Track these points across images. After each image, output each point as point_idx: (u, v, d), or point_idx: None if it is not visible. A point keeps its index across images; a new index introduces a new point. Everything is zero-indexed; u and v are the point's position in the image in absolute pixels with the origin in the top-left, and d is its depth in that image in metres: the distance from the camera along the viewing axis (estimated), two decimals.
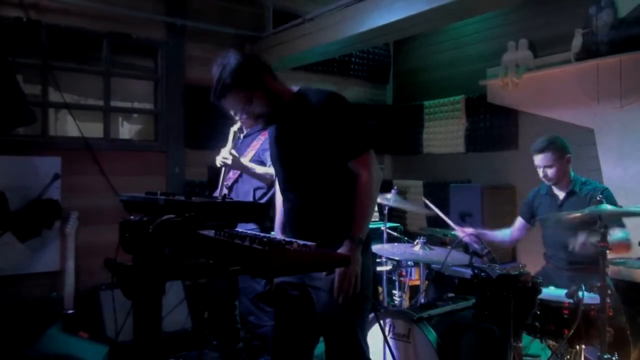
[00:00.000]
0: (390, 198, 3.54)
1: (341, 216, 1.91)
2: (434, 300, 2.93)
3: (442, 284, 3.23)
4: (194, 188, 4.32)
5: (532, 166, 3.00)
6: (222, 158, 2.72)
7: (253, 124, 2.65)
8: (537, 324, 2.25)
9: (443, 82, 5.09)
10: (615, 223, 2.78)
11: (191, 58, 4.32)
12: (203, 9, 4.40)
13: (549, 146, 2.90)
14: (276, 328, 2.10)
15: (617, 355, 2.35)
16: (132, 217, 1.34)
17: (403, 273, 3.51)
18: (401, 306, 3.38)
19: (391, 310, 2.93)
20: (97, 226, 3.72)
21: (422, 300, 3.17)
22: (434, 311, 2.58)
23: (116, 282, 1.28)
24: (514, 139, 4.40)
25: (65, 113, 4.00)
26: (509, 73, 4.25)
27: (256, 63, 1.94)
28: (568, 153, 2.92)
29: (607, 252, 2.24)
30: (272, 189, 2.90)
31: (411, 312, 2.54)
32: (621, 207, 2.56)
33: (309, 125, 1.92)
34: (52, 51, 3.77)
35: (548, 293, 2.43)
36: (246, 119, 2.05)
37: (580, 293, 2.21)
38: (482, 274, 2.31)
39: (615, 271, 3.33)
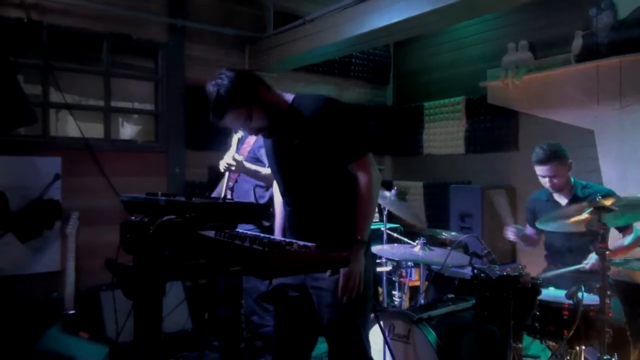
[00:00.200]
0: (388, 197, 3.52)
1: (342, 219, 1.93)
2: (434, 301, 2.93)
3: (442, 285, 3.24)
4: (195, 189, 4.32)
5: (532, 167, 2.99)
6: (226, 163, 2.71)
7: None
8: (537, 325, 2.26)
9: (443, 83, 5.09)
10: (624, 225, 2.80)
11: (191, 59, 4.32)
12: (204, 10, 4.40)
13: (553, 156, 2.87)
14: (276, 329, 2.12)
15: (617, 356, 2.35)
16: (133, 218, 1.35)
17: (403, 274, 3.51)
18: (401, 307, 3.39)
19: (391, 311, 2.93)
20: (98, 227, 3.72)
21: (422, 301, 3.18)
22: (434, 312, 2.59)
23: (117, 283, 1.28)
24: (514, 140, 4.41)
25: (66, 113, 4.00)
26: (509, 74, 4.25)
27: (250, 79, 1.95)
28: (569, 159, 2.92)
29: (607, 254, 2.25)
30: (272, 187, 2.90)
31: (411, 313, 2.55)
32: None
33: (309, 131, 1.93)
34: (53, 51, 3.77)
35: (548, 294, 2.44)
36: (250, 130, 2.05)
37: (579, 294, 2.22)
38: (482, 275, 2.31)
39: (615, 272, 3.33)
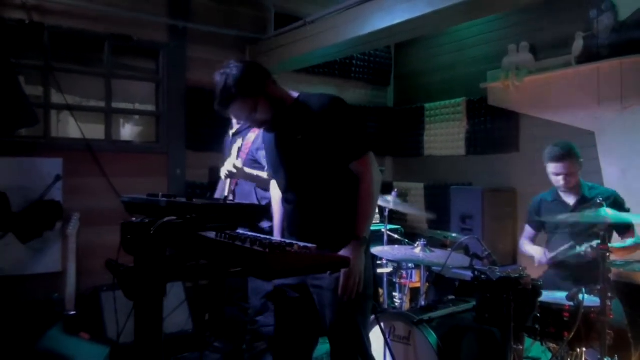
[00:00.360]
0: (391, 200, 3.54)
1: (343, 217, 1.94)
2: (435, 302, 2.93)
3: (443, 287, 3.24)
4: (195, 190, 4.33)
5: (533, 169, 3.00)
6: (227, 170, 2.71)
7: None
8: (538, 327, 2.25)
9: (444, 85, 5.09)
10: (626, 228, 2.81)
11: (192, 60, 4.33)
12: (205, 11, 4.40)
13: (569, 154, 2.87)
14: (276, 330, 2.12)
15: (618, 358, 2.35)
16: (134, 219, 1.35)
17: (404, 275, 3.51)
18: (402, 308, 3.38)
19: (392, 312, 2.93)
20: (99, 227, 3.72)
21: (423, 302, 3.18)
22: (435, 313, 2.59)
23: (118, 283, 1.29)
24: (515, 142, 4.40)
25: (67, 114, 4.01)
26: (510, 76, 4.25)
27: (258, 70, 1.98)
28: (581, 158, 2.93)
29: (608, 255, 2.25)
30: None
31: (412, 315, 2.55)
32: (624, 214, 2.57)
33: (312, 128, 1.95)
34: (54, 53, 3.78)
35: (548, 296, 2.44)
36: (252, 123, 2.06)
37: (580, 296, 2.22)
38: (483, 277, 2.31)
39: (616, 273, 3.33)
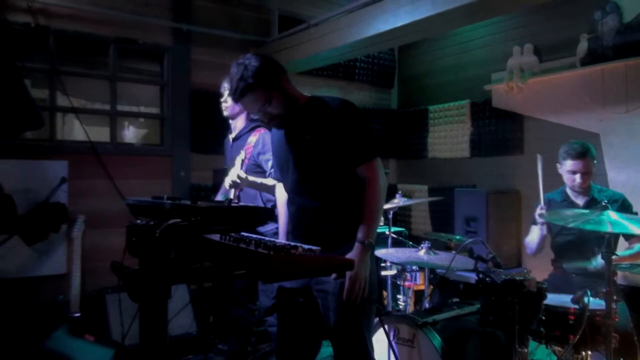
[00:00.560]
0: (397, 202, 3.55)
1: (348, 221, 1.93)
2: (439, 305, 2.92)
3: (447, 289, 3.22)
4: (200, 192, 4.34)
5: (537, 171, 2.98)
6: (231, 181, 2.72)
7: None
8: (543, 330, 2.24)
9: (448, 87, 5.09)
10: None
11: (197, 63, 4.35)
12: (209, 14, 4.42)
13: (588, 152, 2.85)
14: (279, 333, 2.11)
15: None
16: (139, 221, 1.35)
17: (408, 278, 3.51)
18: (406, 311, 3.38)
19: (396, 315, 2.93)
20: (104, 230, 3.74)
21: (427, 305, 3.17)
22: (439, 316, 2.58)
23: (122, 286, 1.29)
24: (519, 144, 4.40)
25: (72, 117, 4.03)
26: (514, 78, 4.25)
27: (276, 65, 2.00)
28: (596, 159, 2.93)
29: (613, 259, 2.24)
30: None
31: (416, 317, 2.54)
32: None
33: (322, 129, 1.95)
34: (60, 56, 3.80)
35: (553, 298, 2.42)
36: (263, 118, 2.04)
37: (585, 299, 2.20)
38: (487, 279, 2.30)
39: (622, 276, 3.31)
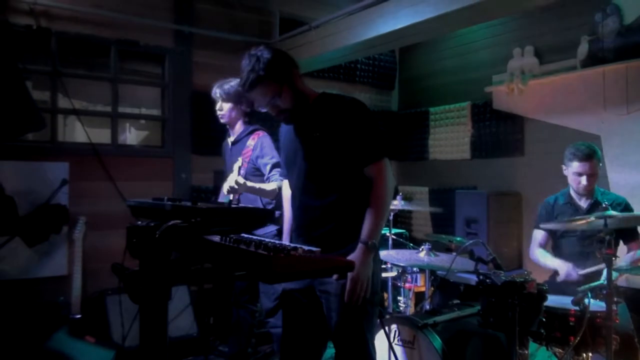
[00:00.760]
0: (397, 204, 3.55)
1: (353, 220, 1.92)
2: (439, 306, 2.92)
3: (448, 291, 3.22)
4: (201, 194, 4.34)
5: (538, 173, 2.99)
6: (230, 186, 2.72)
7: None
8: (543, 331, 2.24)
9: (448, 89, 5.09)
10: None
11: (198, 65, 4.35)
12: (210, 17, 4.43)
13: (595, 154, 2.85)
14: (284, 334, 2.09)
15: None
16: (139, 223, 1.35)
17: (408, 279, 3.51)
18: (406, 312, 3.38)
19: (396, 316, 2.93)
20: (105, 231, 3.74)
21: (428, 306, 3.17)
22: (440, 318, 2.58)
23: (123, 287, 1.29)
24: (520, 146, 4.39)
25: (73, 119, 4.04)
26: (515, 80, 4.25)
27: (288, 58, 1.99)
28: (601, 162, 2.93)
29: (613, 260, 2.24)
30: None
31: (416, 319, 2.54)
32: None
33: (331, 127, 1.93)
34: (62, 58, 3.81)
35: (554, 300, 2.42)
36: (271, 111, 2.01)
37: (586, 300, 2.20)
38: (487, 281, 2.30)
39: (623, 278, 3.31)
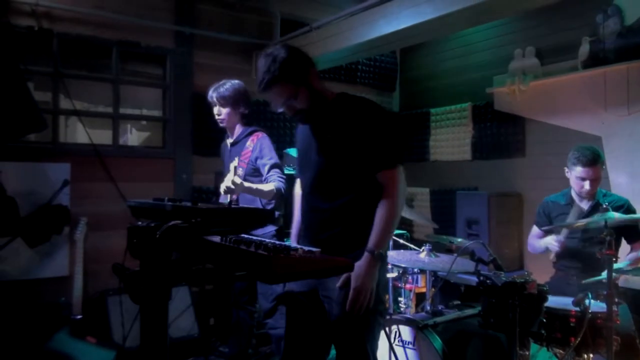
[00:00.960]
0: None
1: (361, 225, 1.86)
2: (440, 307, 2.92)
3: (449, 292, 3.23)
4: (202, 194, 4.35)
5: (539, 173, 2.99)
6: (226, 187, 2.72)
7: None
8: (544, 332, 2.24)
9: (450, 90, 5.09)
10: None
11: (199, 66, 4.36)
12: (211, 18, 4.44)
13: (599, 159, 2.84)
14: (288, 336, 2.07)
15: None
16: (140, 223, 1.36)
17: (409, 280, 3.50)
18: (407, 313, 3.37)
19: (397, 317, 2.93)
20: (106, 232, 3.75)
21: (428, 307, 3.17)
22: (440, 318, 2.58)
23: (123, 287, 1.29)
24: (521, 147, 4.39)
25: (75, 120, 4.05)
26: (516, 81, 4.25)
27: (304, 57, 1.96)
28: (604, 165, 2.93)
29: (614, 260, 2.24)
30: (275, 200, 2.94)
31: (417, 319, 2.54)
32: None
33: (346, 128, 1.88)
34: (63, 59, 3.82)
35: (554, 301, 2.42)
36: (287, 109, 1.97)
37: (586, 301, 2.20)
38: (488, 282, 2.30)
39: (624, 279, 3.30)
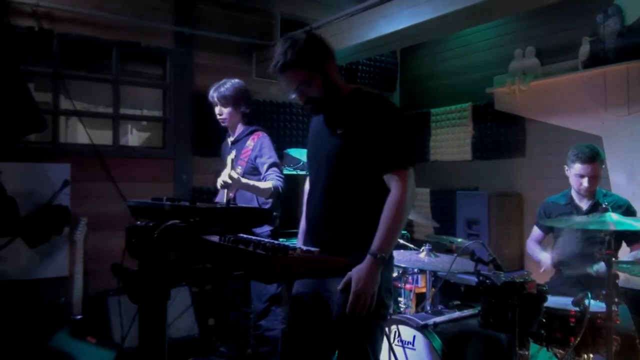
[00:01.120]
0: None
1: (366, 227, 1.81)
2: (440, 307, 2.92)
3: (449, 292, 3.23)
4: (202, 195, 4.35)
5: (539, 174, 2.98)
6: (223, 181, 2.72)
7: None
8: (543, 332, 2.24)
9: (450, 90, 5.09)
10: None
11: (199, 66, 4.37)
12: (211, 18, 4.44)
13: (597, 156, 2.85)
14: (290, 337, 2.05)
15: None
16: (138, 222, 1.36)
17: (409, 280, 3.50)
18: (407, 313, 3.37)
19: (397, 317, 2.92)
20: (106, 232, 3.75)
21: (428, 307, 3.17)
22: (440, 318, 2.58)
23: (122, 287, 1.29)
24: (521, 147, 4.39)
25: (75, 120, 4.05)
26: (516, 81, 4.25)
27: (323, 46, 1.89)
28: (604, 163, 2.93)
29: (614, 260, 2.24)
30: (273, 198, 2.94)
31: (416, 319, 2.54)
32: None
33: (357, 124, 1.84)
34: (63, 60, 3.82)
35: (554, 301, 2.42)
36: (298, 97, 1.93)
37: (586, 301, 2.20)
38: (487, 281, 2.30)
39: (624, 279, 3.30)
